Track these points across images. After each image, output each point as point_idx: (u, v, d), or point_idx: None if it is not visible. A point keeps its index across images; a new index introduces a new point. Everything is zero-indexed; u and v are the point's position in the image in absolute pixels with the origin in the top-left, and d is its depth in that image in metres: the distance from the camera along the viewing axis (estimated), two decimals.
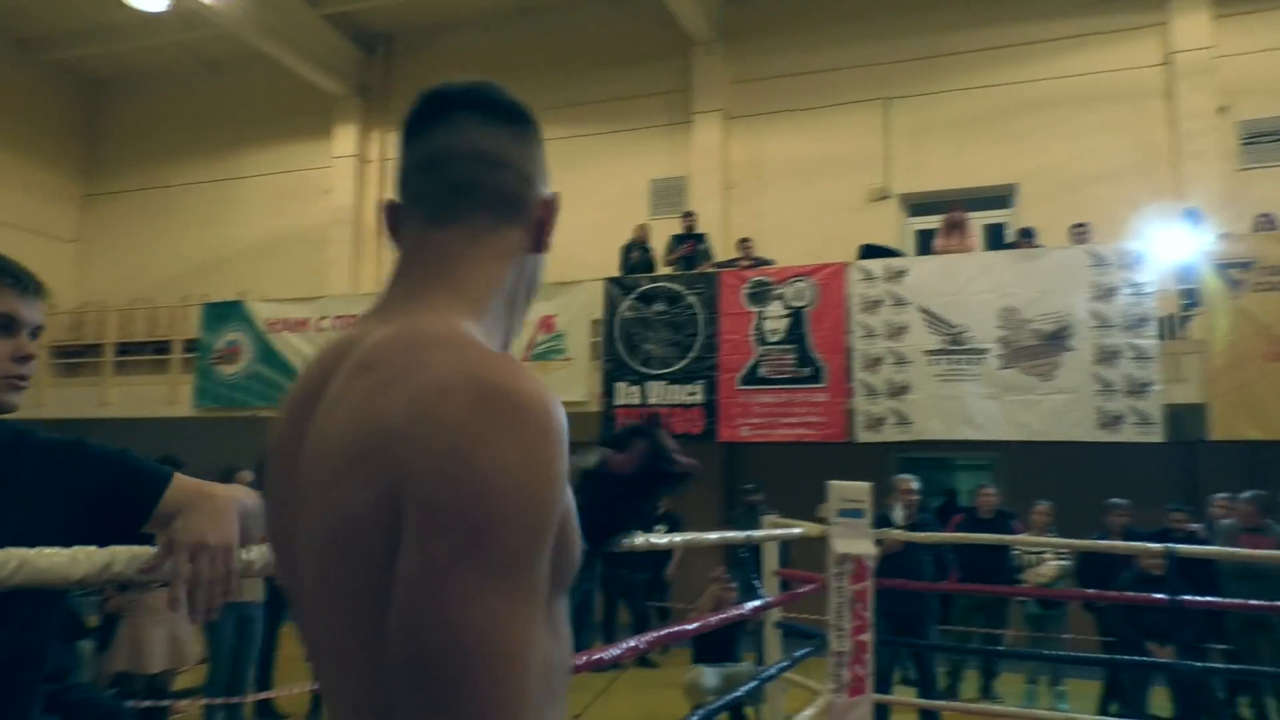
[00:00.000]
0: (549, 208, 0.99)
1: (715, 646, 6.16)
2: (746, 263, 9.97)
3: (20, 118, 13.51)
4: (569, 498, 0.82)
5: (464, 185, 0.95)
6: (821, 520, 5.40)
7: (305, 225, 13.43)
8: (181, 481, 1.52)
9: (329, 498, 0.79)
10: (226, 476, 5.29)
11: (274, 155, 13.89)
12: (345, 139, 13.40)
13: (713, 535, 4.15)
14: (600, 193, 12.05)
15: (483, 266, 0.94)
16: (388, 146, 13.49)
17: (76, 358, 12.51)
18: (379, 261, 13.20)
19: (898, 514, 6.34)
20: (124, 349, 12.28)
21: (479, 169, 0.95)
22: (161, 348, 12.11)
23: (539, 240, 0.99)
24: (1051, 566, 7.23)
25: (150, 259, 13.92)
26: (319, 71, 12.76)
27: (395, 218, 0.99)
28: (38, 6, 12.54)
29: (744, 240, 10.29)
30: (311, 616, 0.85)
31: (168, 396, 11.55)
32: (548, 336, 10.15)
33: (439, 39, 13.31)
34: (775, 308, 9.33)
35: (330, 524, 0.79)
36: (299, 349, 11.10)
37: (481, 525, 0.70)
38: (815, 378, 9.09)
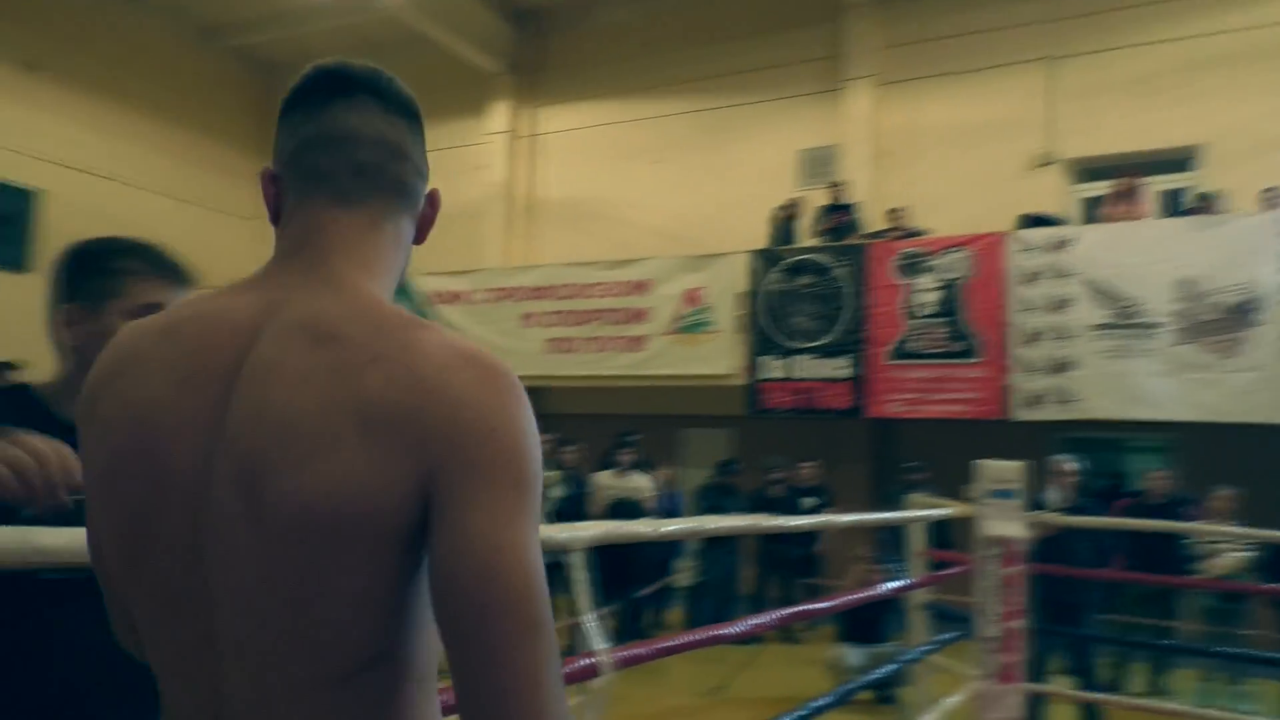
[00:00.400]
0: (433, 203, 1.06)
1: (860, 626, 6.06)
2: (898, 233, 9.66)
3: (203, 101, 14.44)
4: None
5: (368, 169, 0.96)
6: (971, 500, 5.20)
7: (461, 201, 13.84)
8: None
9: (309, 474, 0.80)
10: None
11: (432, 133, 13.90)
12: (498, 116, 13.72)
13: (848, 517, 4.05)
14: (748, 164, 11.92)
15: (383, 250, 0.97)
16: (539, 122, 13.74)
17: None
18: (529, 235, 13.50)
19: (1054, 496, 6.03)
20: None
21: (383, 155, 0.98)
22: None
23: (421, 232, 1.06)
24: (1232, 558, 6.74)
25: None
26: (474, 50, 13.09)
27: (276, 191, 0.99)
28: None
29: (895, 210, 9.97)
30: (235, 598, 0.83)
31: None
32: (694, 309, 10.14)
33: (590, 13, 13.41)
34: (927, 280, 9.01)
35: (312, 500, 0.79)
36: (455, 321, 11.50)
37: (525, 481, 0.83)
38: (969, 352, 8.74)
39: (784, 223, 10.54)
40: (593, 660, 1.99)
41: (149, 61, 13.09)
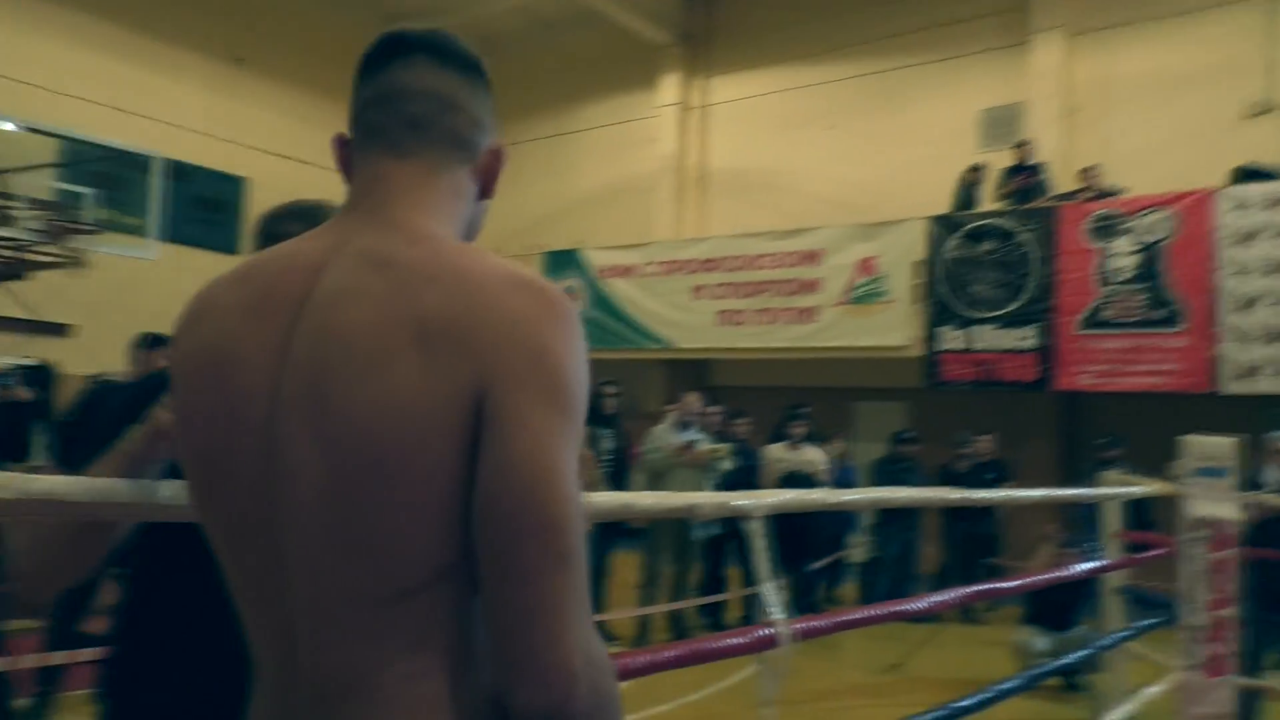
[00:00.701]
0: (496, 157, 1.04)
1: (1049, 609, 5.77)
2: (1090, 194, 9.06)
3: None
4: None
5: (420, 121, 0.98)
6: (1174, 479, 4.85)
7: (633, 174, 13.99)
8: None
9: (370, 387, 0.82)
10: None
11: (604, 108, 14.55)
12: (669, 88, 13.73)
13: (1041, 491, 3.85)
14: (925, 127, 11.45)
15: (440, 198, 0.98)
16: (709, 93, 13.66)
17: None
18: (700, 208, 13.48)
19: (1270, 476, 5.53)
20: None
21: (434, 108, 0.99)
22: None
23: (485, 186, 1.04)
24: None
25: (501, 211, 15.02)
26: (644, 22, 13.13)
27: (346, 152, 1.02)
28: None
29: (1088, 169, 9.34)
30: (301, 516, 0.85)
31: None
32: (868, 279, 9.88)
33: None
34: (1124, 243, 8.42)
35: (373, 412, 0.82)
36: (627, 294, 11.66)
37: (572, 406, 0.84)
38: (1171, 320, 8.12)
39: (969, 187, 10.06)
40: (771, 631, 1.97)
41: (343, 52, 13.73)
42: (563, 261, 12.32)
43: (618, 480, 6.29)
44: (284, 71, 13.28)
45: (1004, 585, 3.15)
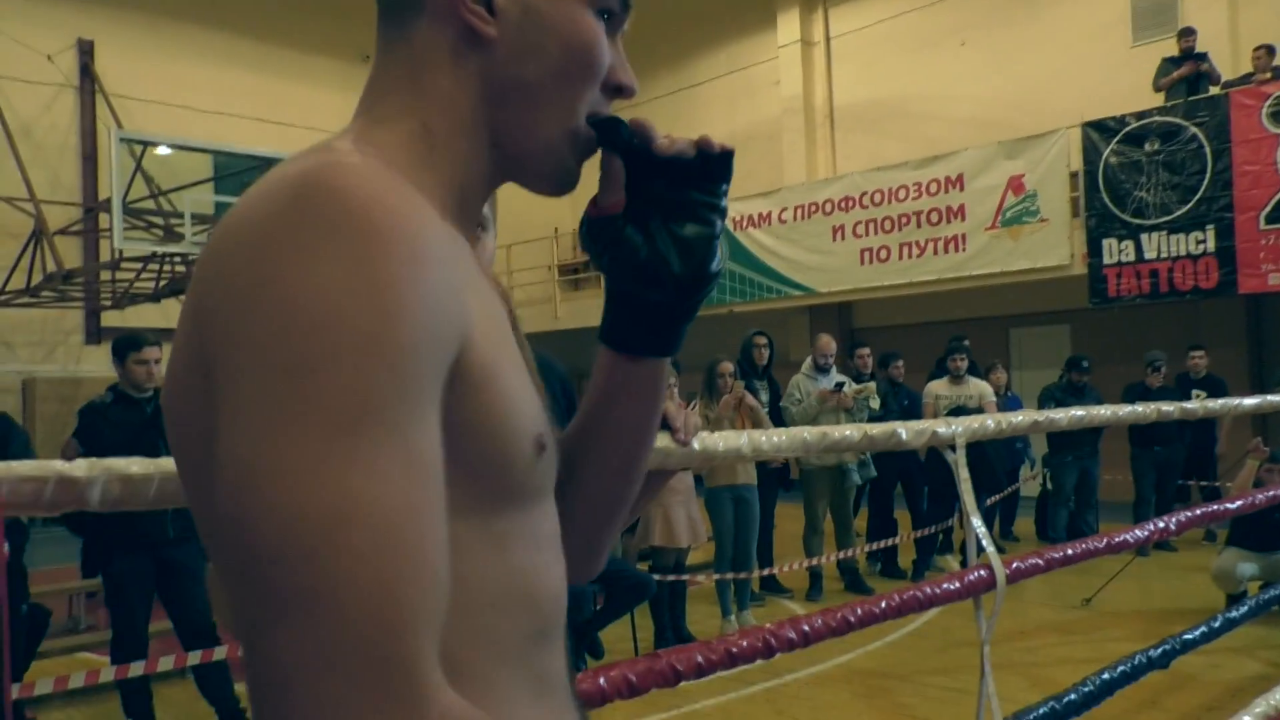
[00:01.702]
0: None
1: (1256, 530, 5.34)
2: (1266, 76, 8.25)
3: None
4: (470, 337, 0.61)
5: (379, 4, 0.74)
6: None
7: (759, 120, 13.70)
8: None
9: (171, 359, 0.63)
10: (711, 370, 5.63)
11: (724, 55, 14.28)
12: (788, 26, 13.32)
13: (1250, 401, 3.52)
14: (1069, 28, 10.69)
15: (394, 93, 0.72)
16: (831, 25, 13.18)
17: (578, 274, 14.14)
18: (831, 147, 13.07)
19: None
20: None
21: None
22: None
23: (455, 21, 0.70)
24: None
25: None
26: None
27: None
28: None
29: (1263, 49, 8.49)
30: None
31: None
32: (1017, 199, 9.34)
33: None
34: None
35: (166, 391, 0.64)
36: (763, 243, 11.45)
37: (301, 367, 0.51)
38: None
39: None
40: (986, 573, 1.85)
41: None
42: None
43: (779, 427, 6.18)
44: None
45: (1217, 508, 2.90)
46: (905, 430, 1.82)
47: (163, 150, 9.03)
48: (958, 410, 6.55)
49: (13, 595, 3.71)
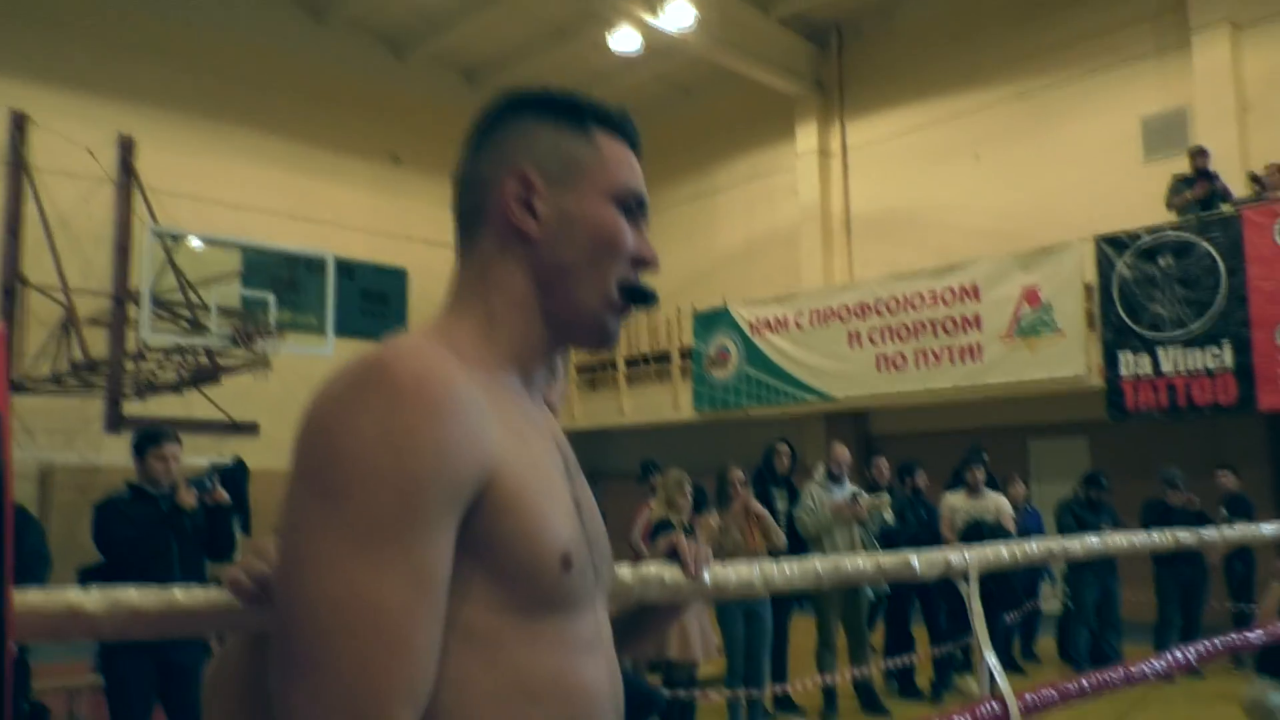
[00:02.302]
0: (507, 188, 0.94)
1: None
2: (1278, 194, 8.36)
3: None
4: (497, 472, 0.79)
5: (456, 219, 0.99)
6: None
7: (776, 226, 13.93)
8: None
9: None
10: (722, 476, 5.60)
11: (744, 164, 14.61)
12: (806, 136, 13.66)
13: (1269, 527, 3.47)
14: (1081, 143, 10.92)
15: (468, 287, 0.95)
16: (848, 137, 13.50)
17: (595, 372, 14.22)
18: (848, 253, 13.25)
19: None
20: (632, 362, 13.68)
21: (455, 201, 1.00)
22: (663, 358, 13.29)
23: (507, 227, 0.94)
24: None
25: (648, 276, 15.34)
26: (777, 74, 13.17)
27: None
28: (543, 69, 14.49)
29: (1273, 166, 8.62)
30: None
31: (672, 402, 12.64)
32: (1032, 310, 9.39)
33: (890, 17, 13.04)
34: None
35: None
36: (780, 348, 11.51)
37: (335, 490, 0.71)
38: None
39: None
40: (1000, 704, 1.81)
41: None
42: (713, 320, 12.31)
43: (794, 541, 6.09)
44: (436, 164, 13.97)
45: (1238, 638, 2.84)
46: (918, 561, 1.80)
47: (194, 243, 9.25)
48: (975, 524, 6.47)
49: (15, 693, 3.67)
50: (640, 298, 0.99)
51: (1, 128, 10.46)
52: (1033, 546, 2.21)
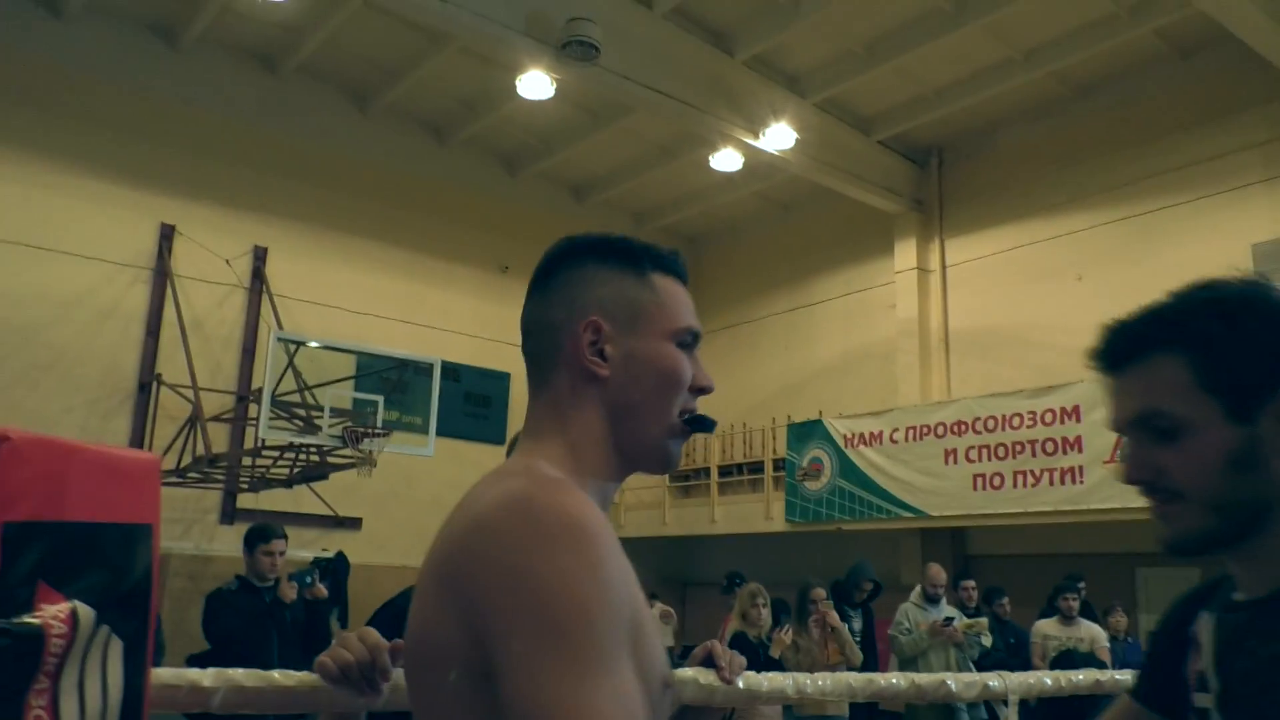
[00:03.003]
0: (580, 334, 1.03)
1: None
2: None
3: None
4: (636, 605, 0.87)
5: (528, 358, 1.09)
6: None
7: (873, 341, 13.97)
8: None
9: (415, 615, 0.91)
10: (803, 593, 5.61)
11: (841, 278, 14.77)
12: (905, 253, 13.76)
13: None
14: (1188, 267, 10.51)
15: (538, 422, 1.04)
16: (947, 254, 13.57)
17: (689, 480, 14.31)
18: (946, 370, 13.16)
19: None
20: (725, 470, 13.74)
21: (526, 341, 1.09)
22: (756, 468, 13.32)
23: (580, 369, 1.03)
24: None
25: (743, 386, 15.49)
26: (876, 193, 13.42)
27: None
28: (647, 186, 15.12)
29: None
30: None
31: (764, 513, 12.61)
32: None
33: (990, 138, 13.20)
34: None
35: (411, 641, 0.92)
36: (874, 462, 11.43)
37: (553, 624, 0.78)
38: None
39: None
40: None
41: None
42: (807, 432, 12.32)
43: (869, 658, 6.03)
44: None
45: None
46: (954, 682, 1.88)
47: (313, 346, 9.88)
48: (1066, 653, 6.27)
49: None
50: (701, 425, 1.09)
51: (151, 238, 11.44)
52: (1078, 676, 2.25)
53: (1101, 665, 6.33)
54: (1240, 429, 0.96)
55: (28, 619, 0.67)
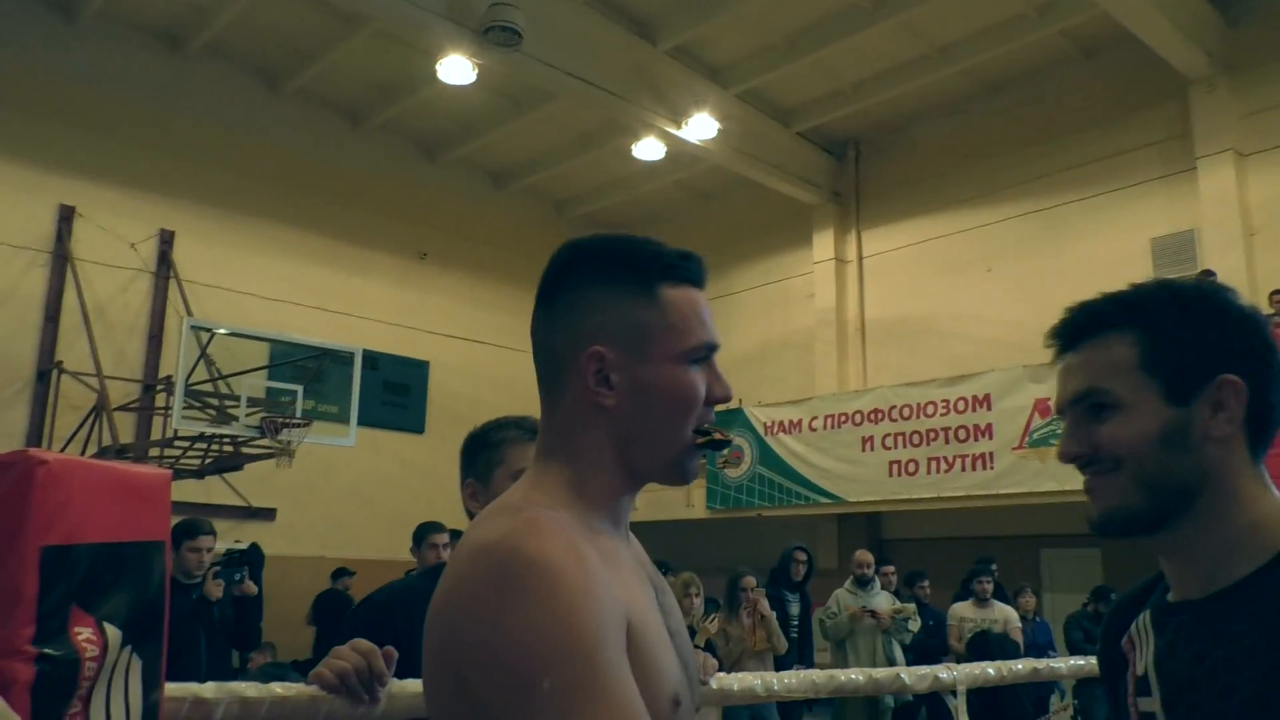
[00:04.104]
0: (584, 365, 0.99)
1: None
2: None
3: None
4: (633, 628, 0.88)
5: (537, 373, 1.06)
6: None
7: (792, 330, 14.20)
8: None
9: (425, 653, 0.93)
10: (733, 580, 5.69)
11: (761, 268, 14.96)
12: (823, 244, 14.01)
13: None
14: (1093, 261, 11.18)
15: (557, 445, 1.02)
16: (863, 246, 13.86)
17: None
18: (862, 359, 13.46)
19: None
20: None
21: (535, 357, 1.06)
22: None
23: (586, 399, 1.00)
24: None
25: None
26: (795, 185, 13.62)
27: None
28: (569, 173, 15.04)
29: (1277, 292, 8.85)
30: None
31: (685, 500, 12.71)
32: (1044, 421, 9.52)
33: (905, 133, 13.52)
34: None
35: (425, 670, 0.94)
36: (793, 449, 11.64)
37: (525, 685, 0.79)
38: None
39: None
40: None
41: (514, 238, 14.86)
42: (728, 420, 12.44)
43: (803, 645, 6.16)
44: (461, 260, 14.42)
45: None
46: (908, 675, 1.94)
47: (225, 332, 9.58)
48: (981, 635, 6.51)
49: None
50: (713, 446, 1.04)
51: (49, 220, 10.92)
52: (1019, 666, 2.34)
53: (1015, 645, 6.59)
54: (1175, 410, 0.99)
55: (65, 644, 0.65)
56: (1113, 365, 1.04)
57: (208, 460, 9.63)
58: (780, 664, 5.40)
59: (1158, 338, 1.03)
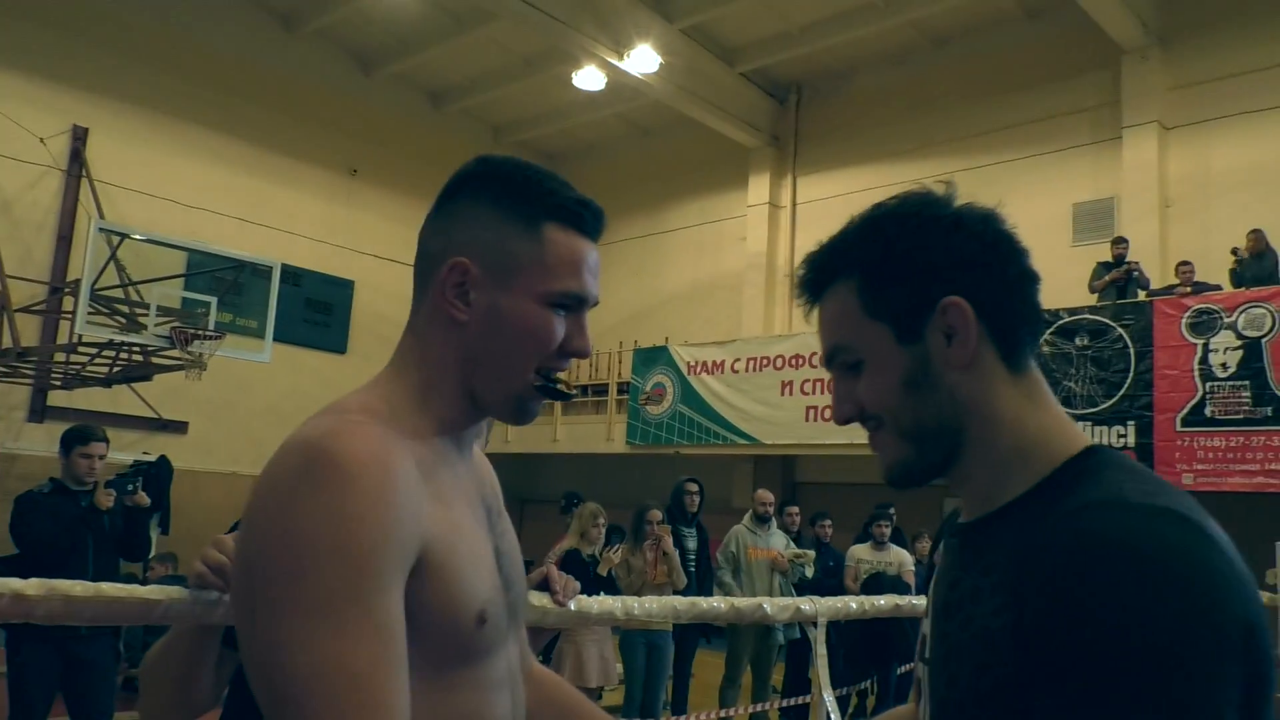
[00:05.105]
0: (451, 269, 0.99)
1: None
2: (1187, 290, 8.87)
3: None
4: (434, 540, 0.88)
5: (415, 272, 1.04)
6: (1273, 588, 4.68)
7: (722, 272, 14.27)
8: None
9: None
10: (639, 516, 5.79)
11: (695, 208, 14.95)
12: (759, 187, 14.04)
13: None
14: (1017, 221, 11.10)
15: (410, 348, 1.03)
16: (798, 192, 13.92)
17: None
18: (789, 305, 13.60)
19: None
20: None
21: (416, 255, 1.04)
22: (600, 390, 13.48)
23: (442, 307, 0.99)
24: None
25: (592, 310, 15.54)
26: (735, 126, 13.56)
27: None
28: (508, 98, 14.74)
29: (1184, 264, 9.17)
30: None
31: (605, 434, 12.82)
32: None
33: (849, 81, 13.52)
34: (1225, 338, 8.18)
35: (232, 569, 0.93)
36: (715, 390, 11.77)
37: (294, 573, 0.79)
38: (1277, 418, 7.81)
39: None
40: None
41: (448, 159, 14.45)
42: (652, 357, 12.55)
43: (702, 579, 6.33)
44: (393, 180, 14.09)
45: None
46: (770, 605, 2.01)
47: (138, 237, 9.26)
48: (875, 576, 6.75)
49: None
50: (551, 394, 1.03)
51: None
52: (880, 601, 2.44)
53: (906, 587, 6.84)
54: (909, 350, 0.92)
55: None
56: (845, 318, 0.96)
57: (115, 369, 9.37)
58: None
59: (872, 278, 0.95)
